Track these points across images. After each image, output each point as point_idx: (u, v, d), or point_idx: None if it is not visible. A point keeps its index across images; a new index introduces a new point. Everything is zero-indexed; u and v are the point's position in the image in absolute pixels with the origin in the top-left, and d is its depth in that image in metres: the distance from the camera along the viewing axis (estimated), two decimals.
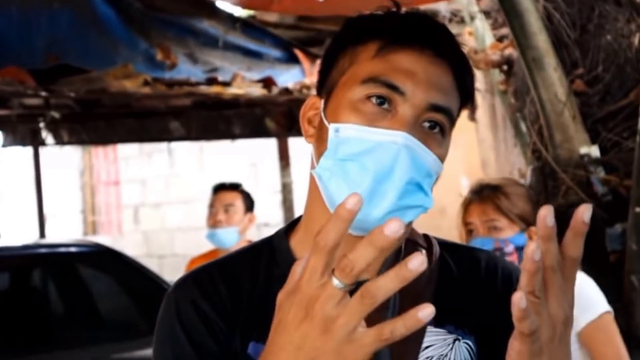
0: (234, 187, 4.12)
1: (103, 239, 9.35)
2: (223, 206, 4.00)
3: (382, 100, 1.08)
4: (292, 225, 1.21)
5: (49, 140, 6.37)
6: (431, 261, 1.17)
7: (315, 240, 0.75)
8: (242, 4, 5.84)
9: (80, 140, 6.71)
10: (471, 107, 5.16)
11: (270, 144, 7.35)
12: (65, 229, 10.57)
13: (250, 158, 8.58)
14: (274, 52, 5.91)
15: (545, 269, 0.84)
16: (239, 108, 6.08)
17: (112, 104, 5.47)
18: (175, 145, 9.15)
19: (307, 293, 0.76)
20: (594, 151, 3.87)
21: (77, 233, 10.79)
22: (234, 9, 5.91)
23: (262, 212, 5.10)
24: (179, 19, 5.63)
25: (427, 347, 1.11)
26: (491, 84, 5.11)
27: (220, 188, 4.11)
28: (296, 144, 6.99)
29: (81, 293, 4.79)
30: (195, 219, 8.46)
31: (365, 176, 1.04)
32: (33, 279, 4.91)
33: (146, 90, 5.13)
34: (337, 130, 1.08)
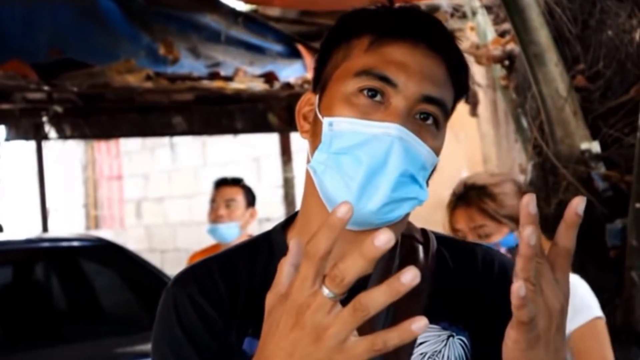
0: (236, 182, 4.13)
1: (105, 234, 9.37)
2: (224, 201, 4.02)
3: (375, 92, 1.08)
4: (290, 220, 1.22)
5: (52, 134, 6.38)
6: (428, 256, 1.17)
7: (306, 248, 0.75)
8: None
9: (82, 134, 6.71)
10: (473, 103, 5.17)
11: (272, 139, 7.35)
12: (67, 223, 10.58)
13: (252, 153, 8.58)
14: (276, 47, 5.90)
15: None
16: (241, 103, 6.08)
17: (115, 99, 5.47)
18: (177, 139, 9.14)
19: (298, 301, 0.76)
20: (595, 147, 3.87)
21: (80, 227, 10.80)
22: (237, 4, 5.90)
23: (264, 207, 5.11)
24: (182, 14, 5.63)
25: (421, 343, 1.11)
26: (493, 79, 5.11)
27: (221, 183, 4.12)
28: (298, 139, 6.95)
29: (83, 287, 4.80)
30: (197, 214, 8.47)
31: (359, 169, 1.04)
32: (35, 273, 4.92)
33: (149, 85, 5.14)
34: (331, 124, 1.08)
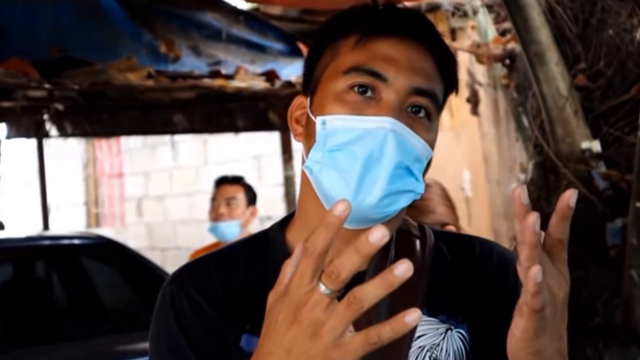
0: (236, 181, 4.14)
1: (106, 231, 9.37)
2: (225, 199, 4.02)
3: (365, 88, 1.09)
4: (288, 219, 1.22)
5: (53, 132, 6.38)
6: (425, 250, 1.18)
7: (304, 245, 0.77)
8: None
9: (84, 132, 6.70)
10: (473, 101, 5.16)
11: (273, 137, 7.35)
12: (68, 221, 10.59)
13: (253, 151, 8.58)
14: (277, 45, 5.90)
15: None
16: (243, 101, 6.08)
17: (116, 97, 5.47)
18: (178, 138, 9.15)
19: (296, 297, 0.77)
20: (596, 146, 3.87)
21: (81, 225, 10.80)
22: (238, 2, 5.91)
23: (265, 205, 5.11)
24: (183, 12, 5.62)
25: (420, 337, 1.11)
26: (494, 78, 5.10)
27: (222, 181, 4.12)
28: None
29: (84, 285, 4.80)
30: (198, 212, 8.48)
31: (355, 163, 1.05)
32: (36, 271, 4.93)
33: (150, 83, 5.13)
34: (324, 122, 1.08)
